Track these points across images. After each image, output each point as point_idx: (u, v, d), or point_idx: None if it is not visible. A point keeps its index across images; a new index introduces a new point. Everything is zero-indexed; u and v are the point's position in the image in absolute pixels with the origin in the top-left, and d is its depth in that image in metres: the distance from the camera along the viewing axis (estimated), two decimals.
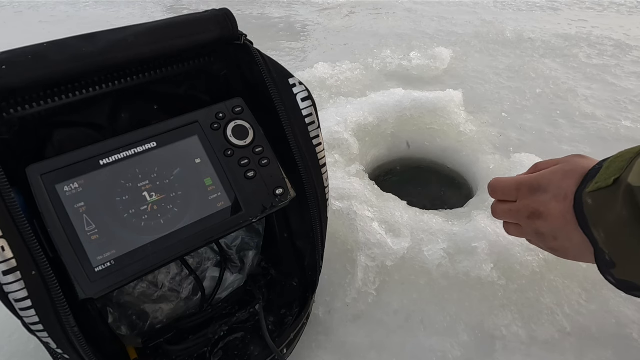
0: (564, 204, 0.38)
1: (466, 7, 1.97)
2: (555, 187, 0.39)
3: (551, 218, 0.39)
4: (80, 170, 0.39)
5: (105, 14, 2.09)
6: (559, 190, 0.39)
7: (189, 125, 0.44)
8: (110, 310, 0.50)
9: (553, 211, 0.39)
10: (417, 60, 1.33)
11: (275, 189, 0.45)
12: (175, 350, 0.50)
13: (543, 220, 0.40)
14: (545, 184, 0.40)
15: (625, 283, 0.34)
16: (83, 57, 0.38)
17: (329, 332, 0.59)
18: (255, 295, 0.56)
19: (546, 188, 0.40)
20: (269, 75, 0.46)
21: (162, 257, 0.40)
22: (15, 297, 0.33)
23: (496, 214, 0.47)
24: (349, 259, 0.67)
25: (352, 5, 2.09)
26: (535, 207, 0.41)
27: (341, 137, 0.87)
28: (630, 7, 1.95)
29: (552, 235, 0.40)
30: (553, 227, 0.39)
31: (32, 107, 0.38)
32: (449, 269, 0.65)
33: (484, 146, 0.95)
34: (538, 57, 1.43)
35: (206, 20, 0.44)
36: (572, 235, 0.38)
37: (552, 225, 0.39)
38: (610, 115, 1.10)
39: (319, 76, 1.23)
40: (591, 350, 0.57)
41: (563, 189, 0.38)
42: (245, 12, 2.04)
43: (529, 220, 0.42)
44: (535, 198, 0.41)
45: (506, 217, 0.46)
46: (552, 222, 0.39)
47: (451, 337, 0.58)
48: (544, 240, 0.42)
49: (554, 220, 0.39)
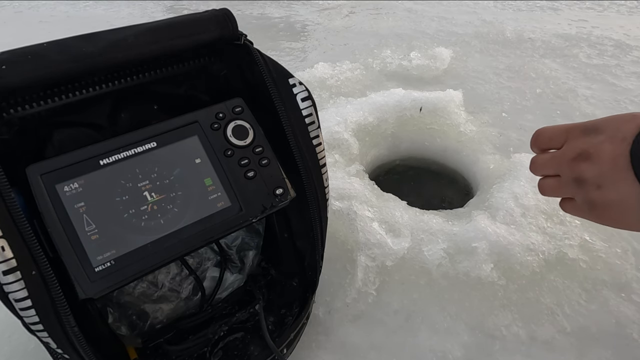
0: (619, 146, 0.33)
1: (466, 7, 1.97)
2: (614, 128, 0.34)
3: (600, 160, 0.34)
4: (80, 170, 0.39)
5: (105, 14, 2.09)
6: (617, 131, 0.34)
7: (189, 125, 0.44)
8: (110, 310, 0.50)
9: (604, 152, 0.34)
10: (417, 60, 1.33)
11: (275, 189, 0.45)
12: (175, 350, 0.50)
13: (590, 162, 0.35)
14: (602, 125, 0.35)
15: None
16: (83, 57, 0.38)
17: (329, 332, 0.59)
18: (255, 295, 0.56)
19: (602, 129, 0.35)
20: (269, 75, 0.46)
21: (162, 257, 0.40)
22: (15, 297, 0.33)
23: (535, 165, 0.41)
24: (349, 259, 0.67)
25: (352, 5, 2.09)
26: (584, 147, 0.35)
27: (341, 137, 0.87)
28: (630, 7, 1.95)
29: (595, 182, 0.35)
30: (600, 171, 0.34)
31: (32, 107, 0.38)
32: (449, 269, 0.65)
33: (484, 146, 0.95)
34: (538, 57, 1.43)
35: (206, 20, 0.44)
36: (621, 184, 0.33)
37: (600, 168, 0.34)
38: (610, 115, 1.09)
39: (319, 76, 1.23)
40: (591, 350, 0.57)
41: (622, 131, 0.33)
42: (245, 12, 2.04)
43: (572, 162, 0.36)
44: (587, 139, 0.36)
45: (546, 167, 0.40)
46: (600, 164, 0.34)
47: (451, 337, 0.58)
48: (584, 190, 0.36)
49: (603, 163, 0.34)
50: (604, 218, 0.36)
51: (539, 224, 0.70)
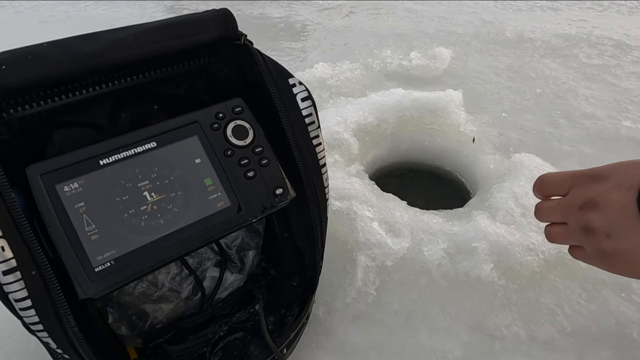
0: (626, 194, 0.32)
1: (466, 7, 1.97)
2: (620, 175, 0.33)
3: (608, 209, 0.33)
4: (80, 170, 0.39)
5: (105, 14, 2.09)
6: (624, 179, 0.33)
7: (188, 125, 0.44)
8: (110, 310, 0.50)
9: (612, 201, 0.33)
10: (417, 60, 1.33)
11: (275, 189, 0.45)
12: (175, 350, 0.50)
13: (597, 211, 0.34)
14: (608, 172, 0.34)
15: None
16: (83, 57, 0.38)
17: (329, 332, 0.59)
18: (255, 295, 0.56)
19: (608, 177, 0.34)
20: (269, 75, 0.46)
21: (162, 257, 0.40)
22: (15, 297, 0.33)
23: (540, 212, 0.41)
24: (349, 259, 0.67)
25: (352, 5, 2.09)
26: (591, 195, 0.34)
27: (341, 137, 0.87)
28: (630, 7, 1.95)
29: (604, 231, 0.34)
30: (608, 220, 0.33)
31: (32, 107, 0.38)
32: (449, 269, 0.65)
33: (484, 146, 0.95)
34: (538, 57, 1.43)
35: (206, 20, 0.44)
36: (629, 234, 0.32)
37: (608, 217, 0.33)
38: (611, 115, 1.10)
39: (319, 76, 1.23)
40: (591, 350, 0.57)
41: (629, 178, 0.33)
42: (245, 12, 2.04)
43: (579, 211, 0.35)
44: (593, 186, 0.35)
45: (552, 214, 0.39)
46: (608, 214, 0.33)
47: (451, 337, 0.58)
48: (593, 239, 0.35)
49: (611, 213, 0.33)
50: (617, 267, 0.35)
51: (539, 223, 0.69)
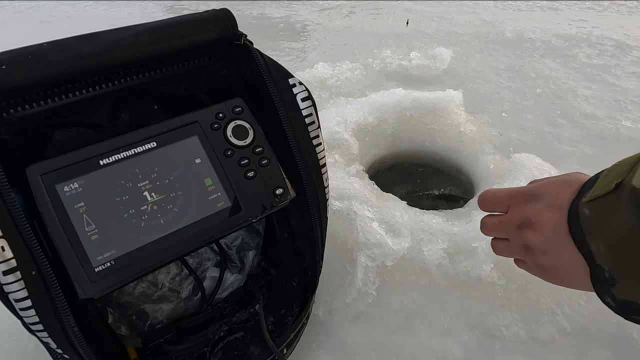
0: (557, 214, 0.35)
1: (466, 7, 1.97)
2: (551, 196, 0.36)
3: (542, 229, 0.36)
4: (80, 170, 0.39)
5: (105, 14, 2.09)
6: (555, 199, 0.36)
7: (188, 125, 0.44)
8: (110, 310, 0.50)
9: (545, 221, 0.36)
10: (417, 60, 1.33)
11: (275, 189, 0.45)
12: (175, 350, 0.50)
13: (533, 230, 0.37)
14: (541, 192, 0.38)
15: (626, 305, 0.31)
16: (83, 57, 0.38)
17: (329, 332, 0.59)
18: (255, 295, 0.56)
19: (541, 197, 0.37)
20: (269, 75, 0.46)
21: (162, 257, 0.40)
22: (15, 297, 0.33)
23: (484, 228, 0.44)
24: (349, 259, 0.67)
25: (352, 5, 2.09)
26: (527, 215, 0.38)
27: (341, 137, 0.87)
28: (630, 7, 1.95)
29: (541, 249, 0.37)
30: (543, 239, 0.36)
31: (32, 107, 0.38)
32: (449, 269, 0.65)
33: (484, 146, 0.95)
34: (538, 57, 1.43)
35: (206, 20, 0.44)
36: (562, 251, 0.35)
37: (543, 236, 0.36)
38: (610, 115, 1.10)
39: (319, 76, 1.23)
40: (591, 350, 0.57)
41: (559, 199, 0.36)
42: (245, 12, 2.04)
43: (518, 230, 0.38)
44: (528, 206, 0.38)
45: (495, 231, 0.43)
46: (542, 233, 0.36)
47: (451, 337, 0.58)
48: (532, 255, 0.38)
49: (545, 231, 0.36)
50: (555, 280, 0.38)
51: None
